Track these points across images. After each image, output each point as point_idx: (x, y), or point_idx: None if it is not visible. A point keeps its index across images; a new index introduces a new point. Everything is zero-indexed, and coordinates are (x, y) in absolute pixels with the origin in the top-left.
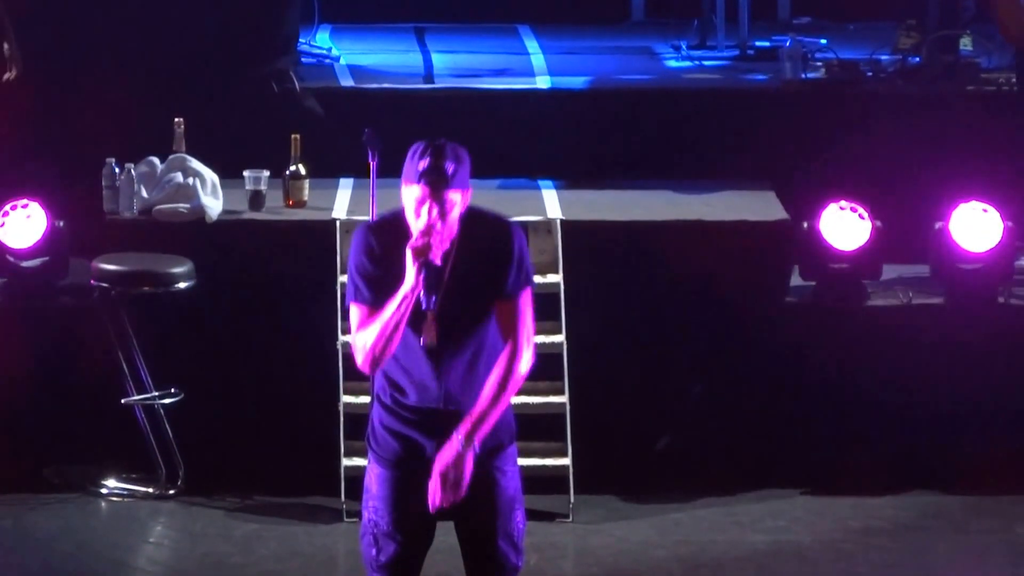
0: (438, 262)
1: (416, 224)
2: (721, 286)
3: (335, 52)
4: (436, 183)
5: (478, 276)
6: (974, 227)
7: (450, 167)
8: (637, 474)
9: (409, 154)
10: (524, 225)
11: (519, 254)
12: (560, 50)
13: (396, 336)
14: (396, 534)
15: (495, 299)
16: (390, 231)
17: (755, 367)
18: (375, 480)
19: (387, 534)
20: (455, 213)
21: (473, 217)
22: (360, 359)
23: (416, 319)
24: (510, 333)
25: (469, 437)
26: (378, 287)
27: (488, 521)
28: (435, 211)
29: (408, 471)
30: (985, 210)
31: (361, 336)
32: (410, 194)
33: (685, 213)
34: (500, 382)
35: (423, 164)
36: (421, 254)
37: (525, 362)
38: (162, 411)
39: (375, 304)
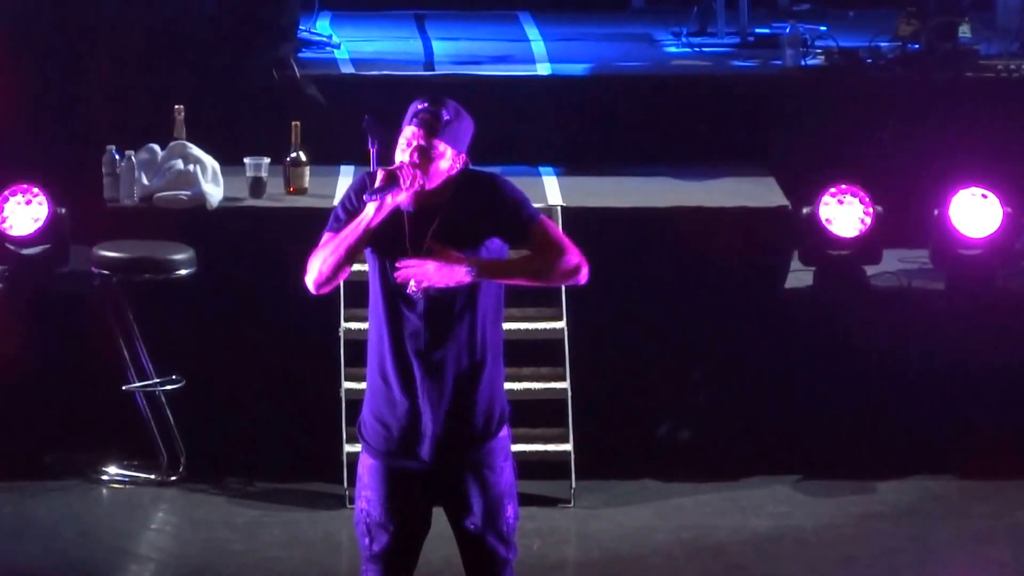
0: (408, 206)
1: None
2: (721, 272)
3: (335, 39)
4: (424, 126)
5: (471, 229)
6: (974, 213)
7: (445, 116)
8: (638, 460)
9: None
10: None
11: (515, 196)
12: (560, 37)
13: (346, 263)
14: (388, 524)
15: (516, 245)
16: None
17: (755, 352)
18: (367, 471)
19: (380, 524)
20: (442, 165)
21: (467, 176)
22: (308, 279)
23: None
24: (556, 242)
25: (478, 264)
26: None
27: (476, 521)
28: (417, 154)
29: (399, 463)
30: (985, 196)
31: (316, 256)
32: (402, 136)
33: (685, 199)
34: (537, 257)
35: (419, 106)
36: (388, 182)
37: (565, 262)
38: (163, 397)
39: None
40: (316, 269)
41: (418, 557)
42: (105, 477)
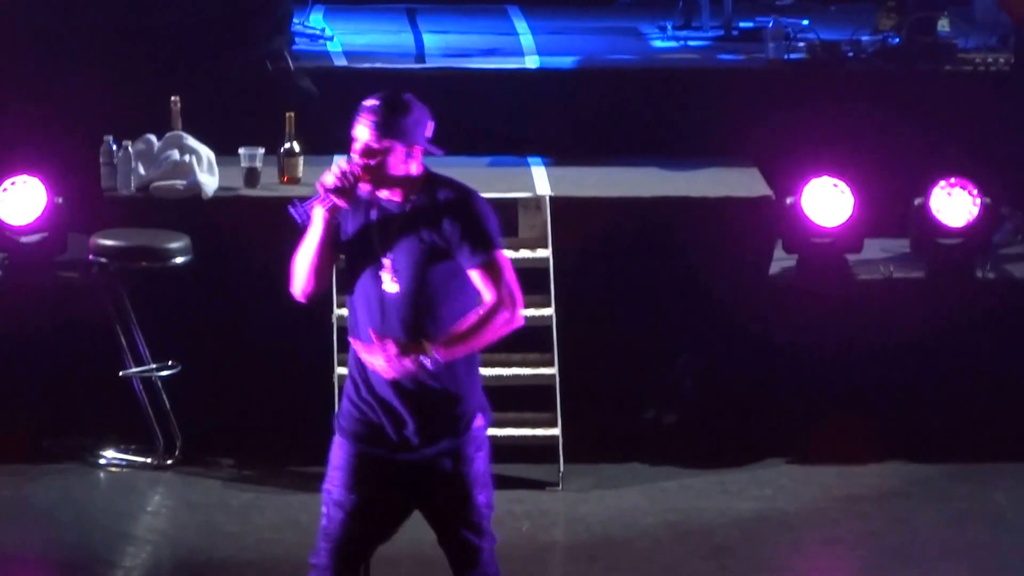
0: (343, 204)
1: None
2: (706, 260)
3: (328, 32)
4: (368, 124)
5: (431, 233)
6: (953, 203)
7: (388, 112)
8: (625, 444)
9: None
10: (514, 201)
11: (479, 219)
12: (548, 30)
13: (315, 275)
14: (346, 503)
15: (449, 269)
16: None
17: (740, 339)
18: (336, 450)
19: (337, 503)
20: (392, 162)
21: (436, 180)
22: (293, 289)
23: (374, 270)
24: (492, 289)
25: (427, 346)
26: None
27: (445, 507)
28: (361, 154)
29: (367, 447)
30: (963, 187)
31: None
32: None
33: (671, 189)
34: (478, 321)
35: (366, 104)
36: (331, 191)
37: (508, 315)
38: (159, 383)
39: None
40: (294, 280)
41: (373, 547)
42: (102, 461)
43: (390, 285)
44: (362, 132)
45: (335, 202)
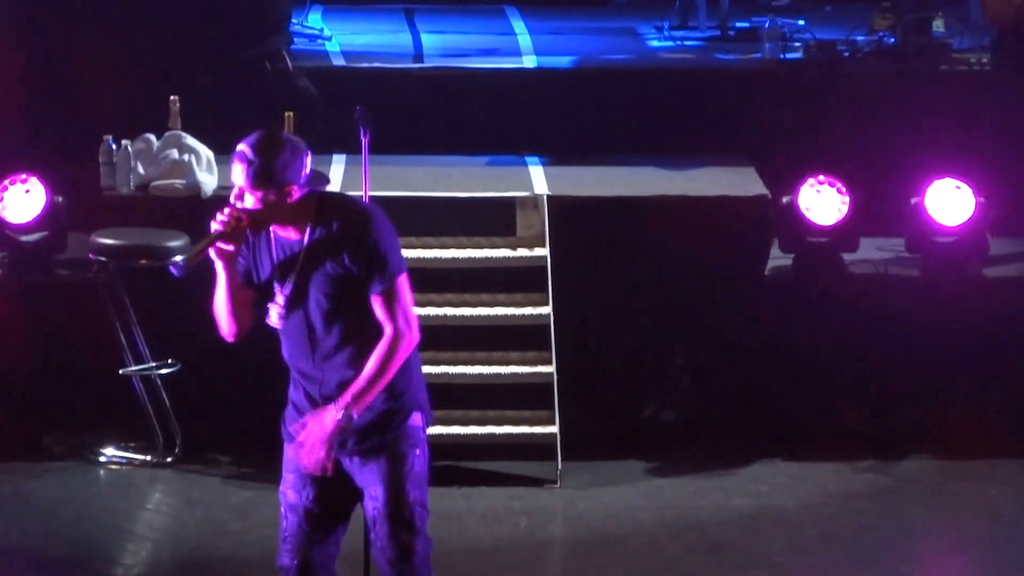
0: (230, 248)
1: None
2: (703, 259)
3: (327, 32)
4: (237, 176)
5: (334, 265)
6: (948, 202)
7: (246, 162)
8: (623, 441)
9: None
10: (512, 200)
11: (377, 247)
12: (546, 30)
13: (234, 317)
14: (297, 505)
15: (363, 294)
16: None
17: (736, 337)
18: (286, 452)
19: (291, 505)
20: (267, 204)
21: (331, 210)
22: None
23: (290, 305)
24: (385, 321)
25: (346, 409)
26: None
27: (377, 499)
28: (235, 200)
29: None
30: (958, 186)
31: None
32: None
33: (668, 188)
34: (380, 360)
35: (241, 146)
36: (218, 237)
37: (407, 342)
38: (159, 381)
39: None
40: (219, 324)
41: (335, 545)
42: (103, 458)
43: (307, 317)
44: (237, 177)
45: (223, 247)
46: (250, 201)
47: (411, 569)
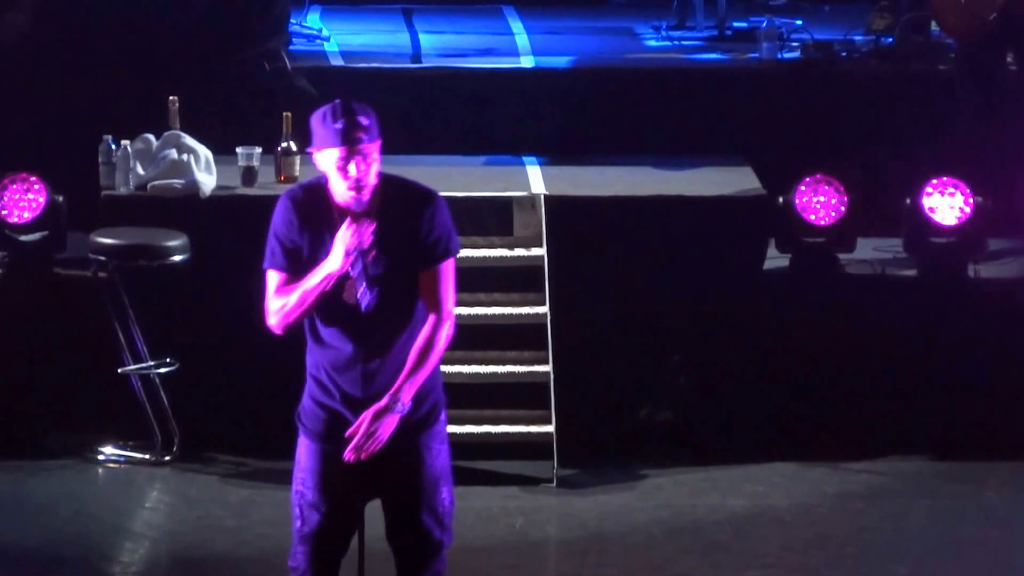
0: (366, 245)
1: (342, 185)
2: (700, 258)
3: (325, 32)
4: (357, 139)
5: (398, 244)
6: (945, 202)
7: (365, 121)
8: (619, 441)
9: (317, 120)
10: (509, 200)
11: (440, 223)
12: (544, 30)
13: (311, 308)
14: (320, 505)
15: (417, 268)
16: (311, 200)
17: (733, 337)
18: (304, 453)
19: (312, 504)
20: (375, 168)
21: (391, 183)
22: (274, 322)
23: (339, 285)
24: (433, 303)
25: (395, 395)
26: (294, 256)
27: (412, 494)
28: (362, 166)
29: (334, 445)
30: (956, 186)
31: (277, 302)
32: (330, 157)
33: (665, 188)
34: (423, 348)
35: (339, 124)
36: (354, 243)
37: (446, 332)
38: (158, 380)
39: (290, 271)
40: (284, 318)
41: (348, 544)
42: (101, 457)
43: (363, 300)
44: (353, 137)
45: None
46: (363, 164)
47: (437, 565)
